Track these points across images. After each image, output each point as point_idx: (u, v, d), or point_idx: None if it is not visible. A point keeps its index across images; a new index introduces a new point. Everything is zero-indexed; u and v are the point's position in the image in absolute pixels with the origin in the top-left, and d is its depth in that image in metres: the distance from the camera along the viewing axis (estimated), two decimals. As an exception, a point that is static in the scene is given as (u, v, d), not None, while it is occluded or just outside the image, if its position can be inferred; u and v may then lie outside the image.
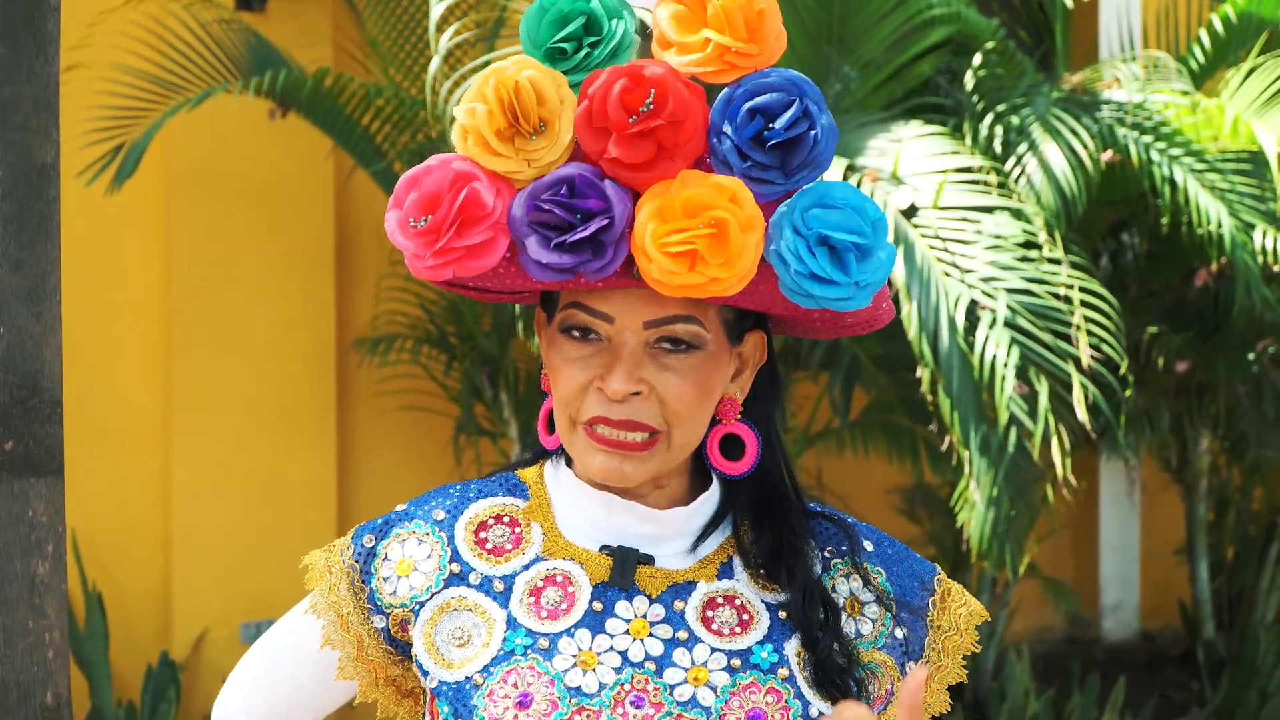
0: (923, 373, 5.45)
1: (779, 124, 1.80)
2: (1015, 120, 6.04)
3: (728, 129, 1.81)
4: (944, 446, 5.76)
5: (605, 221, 1.80)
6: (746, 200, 1.80)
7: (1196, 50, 6.73)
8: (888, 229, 1.85)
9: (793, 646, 1.94)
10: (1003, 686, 6.87)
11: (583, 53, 1.86)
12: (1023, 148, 5.93)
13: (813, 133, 1.81)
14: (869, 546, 2.03)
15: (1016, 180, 5.90)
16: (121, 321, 6.63)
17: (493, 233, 1.83)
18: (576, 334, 1.91)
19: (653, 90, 1.80)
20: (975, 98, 6.24)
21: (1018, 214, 5.66)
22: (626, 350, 1.89)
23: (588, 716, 1.88)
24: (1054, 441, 5.41)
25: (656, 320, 1.88)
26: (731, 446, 1.99)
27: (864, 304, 1.86)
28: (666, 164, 1.83)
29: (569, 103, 1.83)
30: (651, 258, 1.80)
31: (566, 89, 1.84)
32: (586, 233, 1.79)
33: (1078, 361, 5.46)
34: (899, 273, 5.44)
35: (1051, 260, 5.56)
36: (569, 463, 2.02)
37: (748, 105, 1.80)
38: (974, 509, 5.45)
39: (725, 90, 1.83)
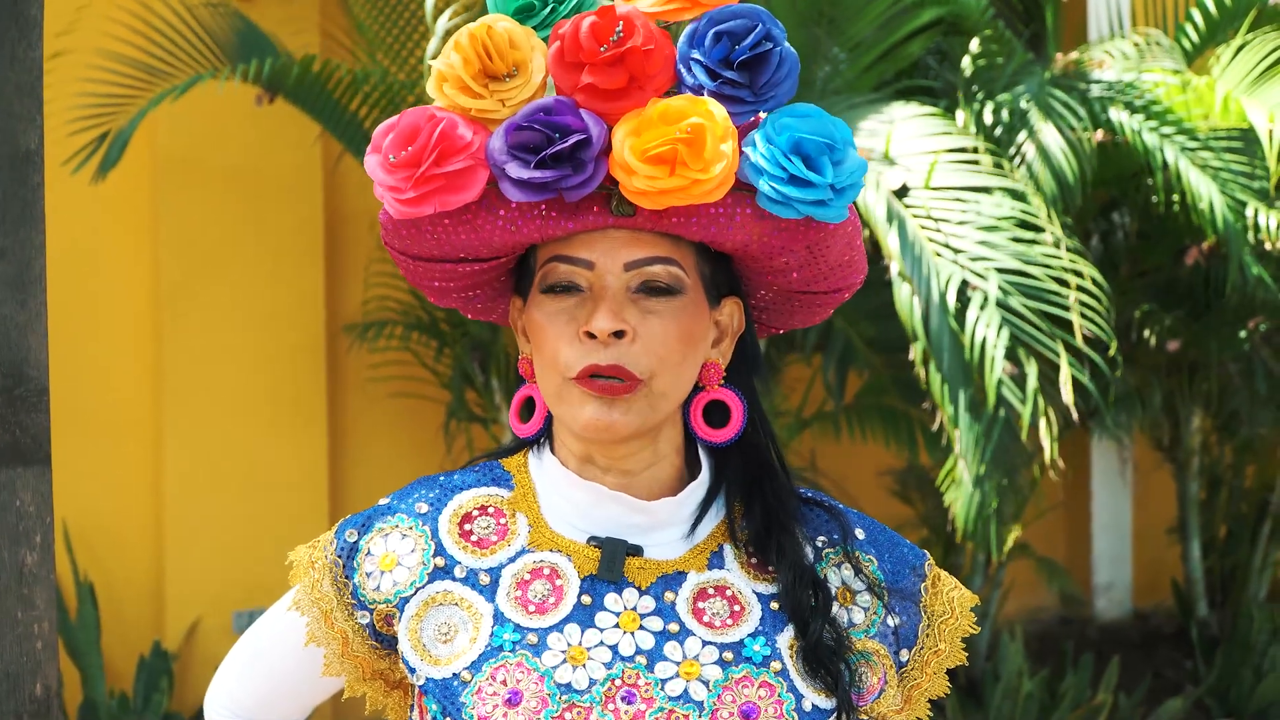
0: (915, 350, 5.45)
1: (744, 44, 1.85)
2: (1008, 99, 6.02)
3: (696, 54, 1.85)
4: (935, 425, 5.75)
5: (583, 136, 1.82)
6: (720, 112, 1.83)
7: (1189, 28, 6.72)
8: (854, 144, 1.90)
9: (785, 639, 1.92)
10: (996, 667, 6.87)
11: (548, 9, 1.90)
12: (1020, 130, 5.91)
13: (778, 50, 1.86)
14: (860, 534, 2.01)
15: (1012, 160, 5.89)
16: (110, 310, 6.61)
17: (472, 161, 1.83)
18: (558, 290, 1.90)
19: (621, 21, 1.83)
20: (972, 79, 6.23)
21: (1011, 194, 5.65)
22: (609, 293, 1.88)
23: (578, 713, 1.85)
24: (1042, 423, 5.40)
25: (636, 261, 1.88)
26: (715, 419, 1.97)
27: (841, 214, 1.87)
28: (638, 94, 1.85)
29: (540, 48, 1.87)
30: (633, 169, 1.81)
31: (536, 38, 1.88)
32: (566, 144, 1.81)
33: (1068, 342, 5.45)
34: (892, 250, 5.43)
35: (1045, 240, 5.55)
36: (553, 449, 1.99)
37: (713, 30, 1.85)
38: (960, 488, 5.44)
39: (689, 26, 1.87)
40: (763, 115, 1.88)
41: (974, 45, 6.31)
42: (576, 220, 1.87)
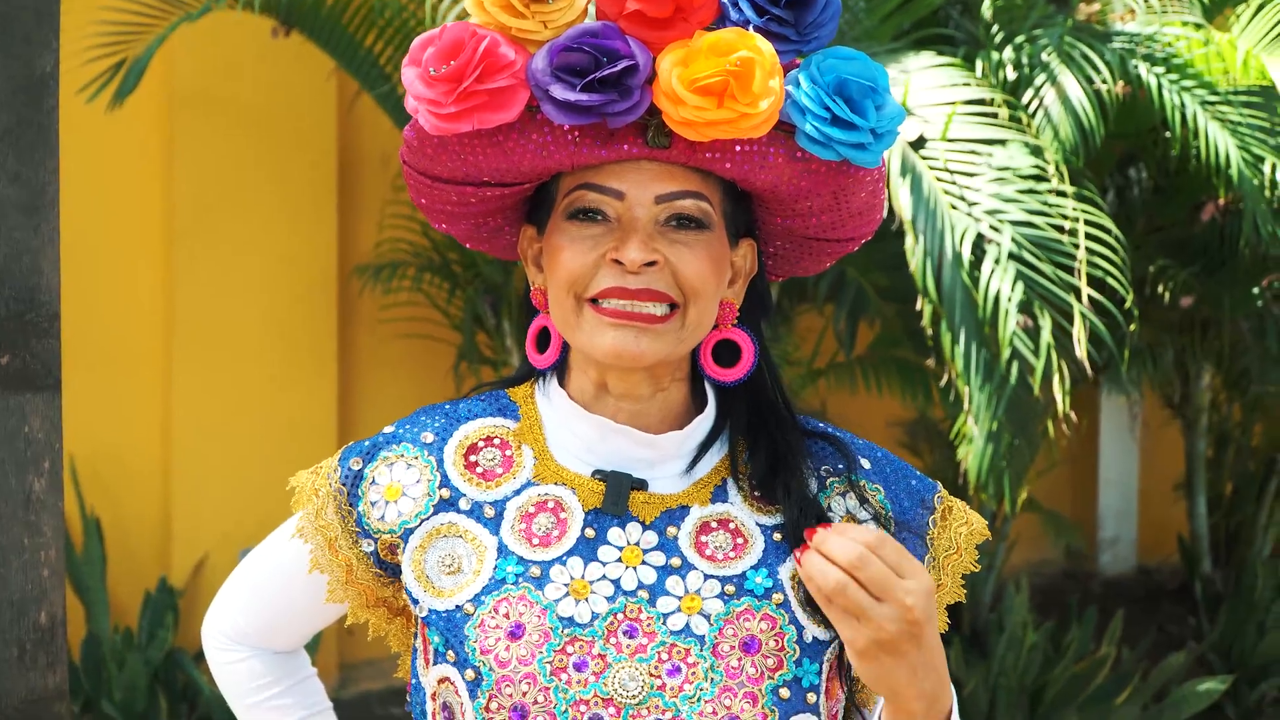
0: (924, 306, 5.42)
1: None
2: (1029, 50, 5.98)
3: None
4: (944, 381, 5.74)
5: (631, 63, 1.80)
6: (768, 47, 1.82)
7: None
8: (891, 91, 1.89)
9: (787, 570, 1.92)
10: (1001, 618, 6.87)
11: None
12: (1040, 78, 5.87)
13: None
14: (866, 464, 2.01)
15: (1032, 112, 5.84)
16: (122, 242, 6.59)
17: (514, 80, 1.82)
18: (584, 217, 1.89)
19: None
20: (995, 27, 6.18)
21: (1028, 147, 5.61)
22: (639, 224, 1.88)
23: (580, 647, 1.86)
24: (1055, 377, 5.38)
25: (668, 194, 1.88)
26: (724, 359, 1.97)
27: (876, 159, 1.87)
28: (682, 25, 1.84)
29: None
30: (681, 98, 1.80)
31: None
32: (614, 69, 1.79)
33: (1082, 295, 5.43)
34: (905, 205, 5.40)
35: (1059, 193, 5.52)
36: (561, 382, 1.99)
37: None
38: (972, 443, 5.43)
39: None
40: (798, 60, 1.88)
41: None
42: (610, 149, 1.86)
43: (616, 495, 1.92)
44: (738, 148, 1.86)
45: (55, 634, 2.23)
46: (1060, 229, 5.48)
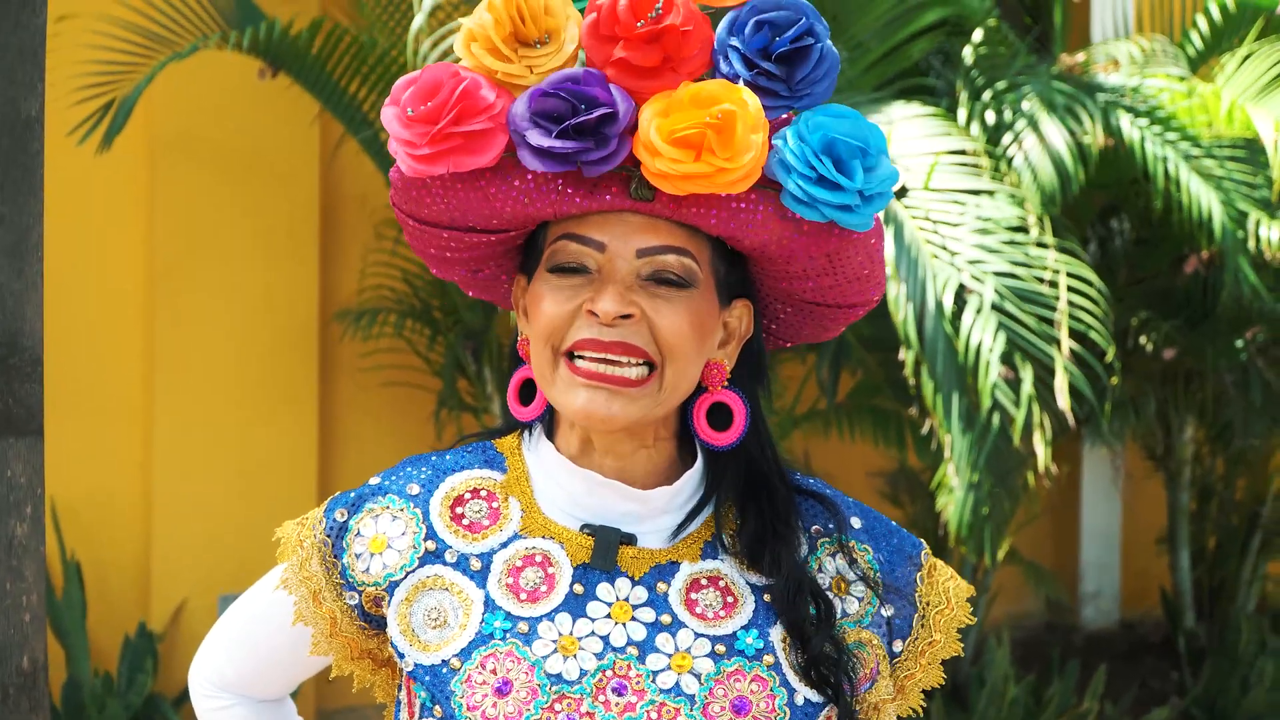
0: (906, 355, 5.43)
1: (785, 35, 1.81)
2: (1011, 99, 6.00)
3: (735, 41, 1.81)
4: (925, 430, 5.74)
5: (609, 110, 1.77)
6: (753, 101, 1.78)
7: (1194, 35, 6.70)
8: (888, 153, 1.85)
9: (778, 632, 1.89)
10: (982, 672, 6.85)
11: None
12: (1021, 125, 5.89)
13: (819, 46, 1.82)
14: (856, 524, 1.98)
15: (1010, 163, 5.86)
16: (103, 286, 6.58)
17: (492, 124, 1.79)
18: (565, 269, 1.86)
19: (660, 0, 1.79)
20: (975, 73, 6.20)
21: (1010, 197, 5.63)
22: (619, 276, 1.84)
23: (568, 704, 1.83)
24: (1035, 430, 5.39)
25: (650, 248, 1.84)
26: (717, 421, 1.93)
27: (866, 223, 1.82)
28: (670, 75, 1.81)
29: (574, 18, 1.83)
30: (658, 150, 1.77)
31: (572, 8, 1.84)
32: (590, 117, 1.76)
33: (1063, 347, 5.44)
34: (888, 253, 5.41)
35: (1040, 245, 5.54)
36: (548, 434, 1.96)
37: (755, 18, 1.81)
38: (953, 494, 5.43)
39: (731, 12, 1.83)
40: (793, 115, 1.84)
41: (977, 36, 6.29)
42: (593, 199, 1.83)
43: (605, 550, 1.89)
44: (724, 203, 1.82)
45: (37, 679, 2.22)
46: (1042, 280, 5.50)
